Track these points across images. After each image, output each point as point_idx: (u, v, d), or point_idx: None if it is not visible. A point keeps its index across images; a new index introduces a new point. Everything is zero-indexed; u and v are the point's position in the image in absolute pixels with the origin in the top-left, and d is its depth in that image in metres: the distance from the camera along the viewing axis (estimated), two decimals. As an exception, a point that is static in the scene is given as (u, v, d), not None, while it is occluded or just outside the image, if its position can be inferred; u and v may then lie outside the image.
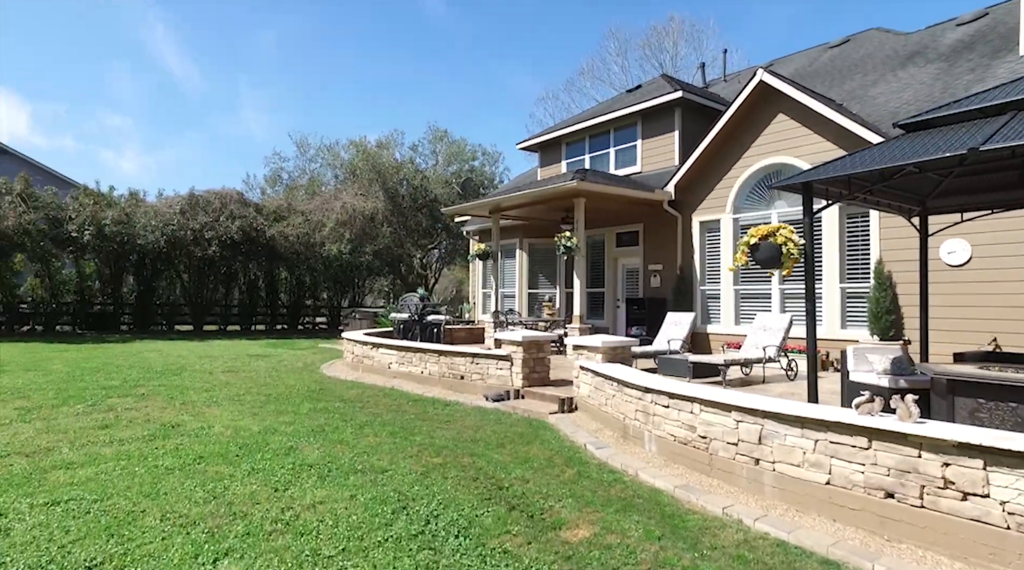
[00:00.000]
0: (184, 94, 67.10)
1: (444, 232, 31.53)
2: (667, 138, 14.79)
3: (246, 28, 64.76)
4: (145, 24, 60.83)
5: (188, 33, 63.67)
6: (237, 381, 10.18)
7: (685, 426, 5.24)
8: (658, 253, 14.02)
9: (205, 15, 62.95)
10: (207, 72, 66.44)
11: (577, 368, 7.76)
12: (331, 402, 8.33)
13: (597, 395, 7.02)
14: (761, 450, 4.49)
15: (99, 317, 22.58)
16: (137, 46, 62.83)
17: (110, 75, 65.70)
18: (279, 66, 66.05)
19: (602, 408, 6.84)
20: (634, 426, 6.02)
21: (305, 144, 34.50)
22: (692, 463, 5.15)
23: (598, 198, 12.82)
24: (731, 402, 4.73)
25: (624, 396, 6.24)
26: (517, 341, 8.52)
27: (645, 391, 5.81)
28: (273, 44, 64.82)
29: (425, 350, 9.87)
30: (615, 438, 6.31)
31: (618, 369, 6.66)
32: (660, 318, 13.50)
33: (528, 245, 17.64)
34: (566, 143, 17.96)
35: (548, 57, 63.13)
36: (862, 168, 4.99)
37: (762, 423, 4.47)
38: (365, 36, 64.94)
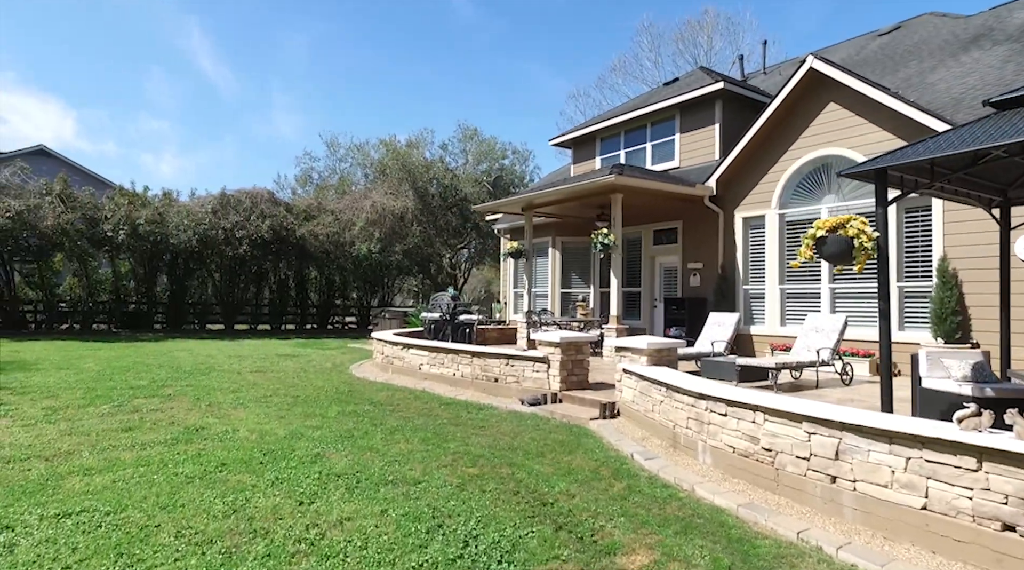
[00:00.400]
0: (218, 97, 68.46)
1: (474, 231, 31.23)
2: (707, 132, 14.18)
3: (278, 32, 65.78)
4: (182, 30, 62.31)
5: (222, 37, 64.98)
6: (265, 382, 9.95)
7: (746, 437, 4.75)
8: (698, 251, 13.43)
9: (238, 20, 64.15)
10: (240, 76, 67.67)
11: (619, 371, 7.29)
12: (360, 405, 8.01)
13: (643, 400, 6.55)
14: (839, 467, 3.97)
15: (133, 316, 22.81)
16: (174, 52, 64.41)
17: (149, 81, 67.47)
18: (310, 69, 66.91)
19: (648, 415, 6.36)
20: (686, 435, 5.53)
21: (335, 144, 34.59)
22: (754, 478, 4.65)
23: (636, 194, 12.31)
24: (802, 411, 4.22)
25: (674, 402, 5.76)
26: (554, 342, 8.08)
27: (699, 397, 5.32)
28: (304, 47, 65.68)
29: (457, 351, 9.50)
30: (664, 447, 5.83)
31: (666, 373, 6.18)
32: (700, 319, 12.93)
33: (561, 243, 17.17)
34: (600, 138, 17.45)
35: (577, 57, 62.59)
36: (951, 150, 4.43)
37: (839, 436, 3.96)
38: (394, 39, 65.32)
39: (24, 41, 63.23)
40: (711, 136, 14.10)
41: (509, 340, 15.76)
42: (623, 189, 11.87)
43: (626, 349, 7.23)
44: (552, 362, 8.15)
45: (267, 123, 68.58)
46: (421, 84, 65.81)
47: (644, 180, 11.79)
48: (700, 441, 5.29)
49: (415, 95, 64.78)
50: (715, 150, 13.94)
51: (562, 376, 8.07)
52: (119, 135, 67.44)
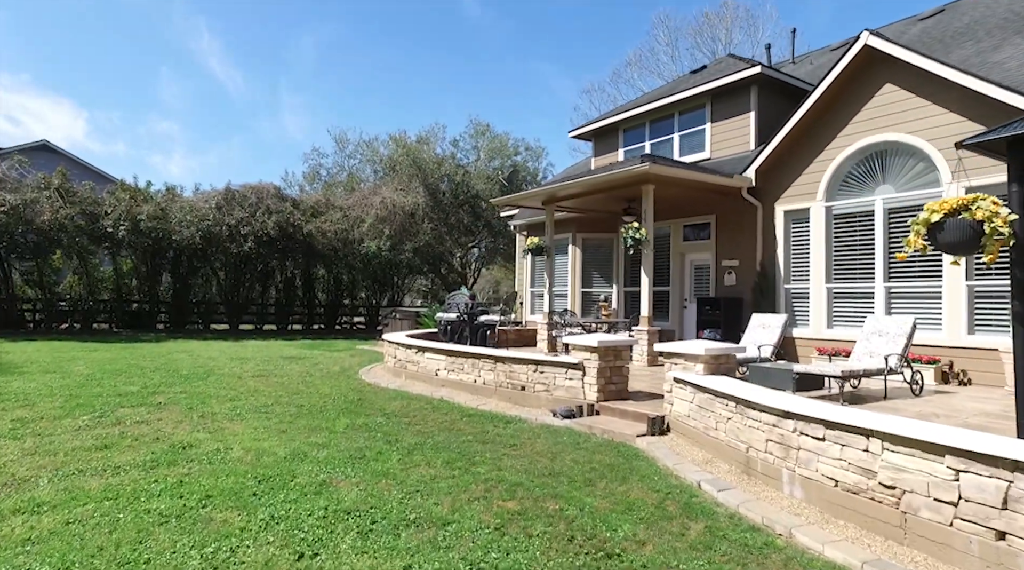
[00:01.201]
0: (227, 98, 68.13)
1: (485, 229, 30.35)
2: (741, 120, 13.22)
3: (287, 33, 65.33)
4: (191, 32, 62.12)
5: (231, 39, 64.70)
6: (267, 388, 9.08)
7: (855, 468, 3.81)
8: (733, 247, 12.46)
9: (247, 21, 63.82)
10: (249, 77, 67.29)
11: (668, 381, 6.36)
12: (372, 416, 7.11)
13: (702, 416, 5.61)
14: (1009, 520, 3.03)
15: (135, 315, 22.06)
16: (184, 53, 64.23)
17: (159, 82, 67.39)
18: (318, 70, 66.36)
19: (710, 433, 5.43)
20: (764, 461, 4.60)
21: (344, 140, 33.80)
22: (868, 521, 3.71)
23: (669, 185, 11.37)
24: (945, 441, 3.28)
25: (747, 420, 4.83)
26: (591, 347, 7.15)
27: (784, 416, 4.39)
28: (312, 48, 65.19)
29: (479, 356, 8.59)
30: (736, 474, 4.89)
31: (734, 385, 5.24)
32: (736, 320, 11.98)
33: (582, 240, 16.23)
34: (623, 129, 16.52)
35: (587, 56, 61.57)
36: None
37: (1009, 478, 3.01)
38: (402, 40, 64.62)
39: (38, 43, 63.57)
40: (745, 125, 13.14)
41: (527, 342, 14.84)
42: (656, 180, 10.93)
43: (677, 355, 6.30)
44: (588, 369, 7.23)
45: (276, 124, 68.19)
46: (430, 85, 65.15)
47: (679, 170, 10.85)
48: (786, 469, 4.35)
49: (424, 96, 64.10)
50: (750, 140, 12.98)
51: (599, 385, 7.15)
52: (129, 136, 67.42)
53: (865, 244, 10.27)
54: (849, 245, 10.55)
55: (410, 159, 29.34)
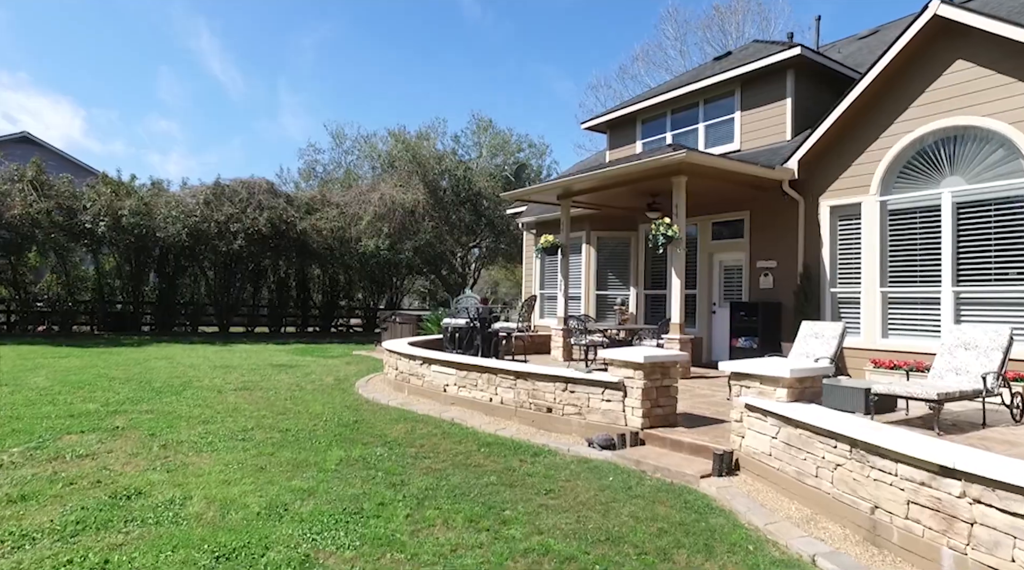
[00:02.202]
0: (227, 98, 67.07)
1: (488, 228, 29.12)
2: (775, 108, 12.04)
3: (286, 33, 64.35)
4: (191, 31, 61.21)
5: (231, 39, 63.71)
6: (249, 406, 7.84)
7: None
8: (770, 247, 11.27)
9: (247, 22, 62.82)
10: (249, 77, 66.19)
11: (738, 407, 5.15)
12: (370, 446, 5.89)
13: (792, 457, 4.41)
14: None
15: (118, 317, 20.80)
16: (184, 53, 63.31)
17: (158, 81, 66.47)
18: (317, 71, 65.32)
19: (806, 481, 4.23)
20: (904, 530, 3.40)
21: (341, 135, 32.58)
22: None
23: (702, 176, 10.17)
24: None
25: (870, 470, 3.63)
26: (635, 363, 5.94)
27: (942, 473, 3.18)
28: (312, 49, 64.16)
29: (495, 370, 7.36)
30: (855, 542, 3.69)
31: (844, 421, 4.05)
32: (775, 327, 10.79)
33: (597, 239, 15.03)
34: (642, 120, 15.32)
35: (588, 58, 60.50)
36: None
37: None
38: (401, 41, 63.54)
39: (36, 41, 62.77)
40: (781, 113, 11.95)
41: (540, 349, 13.62)
42: (691, 170, 9.73)
43: (751, 377, 5.09)
44: (631, 390, 6.02)
45: (275, 124, 67.10)
46: (430, 87, 64.10)
47: (718, 160, 9.65)
48: (948, 549, 3.15)
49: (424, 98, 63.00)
50: (786, 129, 11.80)
51: (644, 409, 5.94)
52: (128, 135, 66.42)
53: (928, 243, 9.08)
54: (908, 244, 9.37)
55: (410, 155, 28.11)
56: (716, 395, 8.23)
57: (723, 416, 6.62)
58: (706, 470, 5.05)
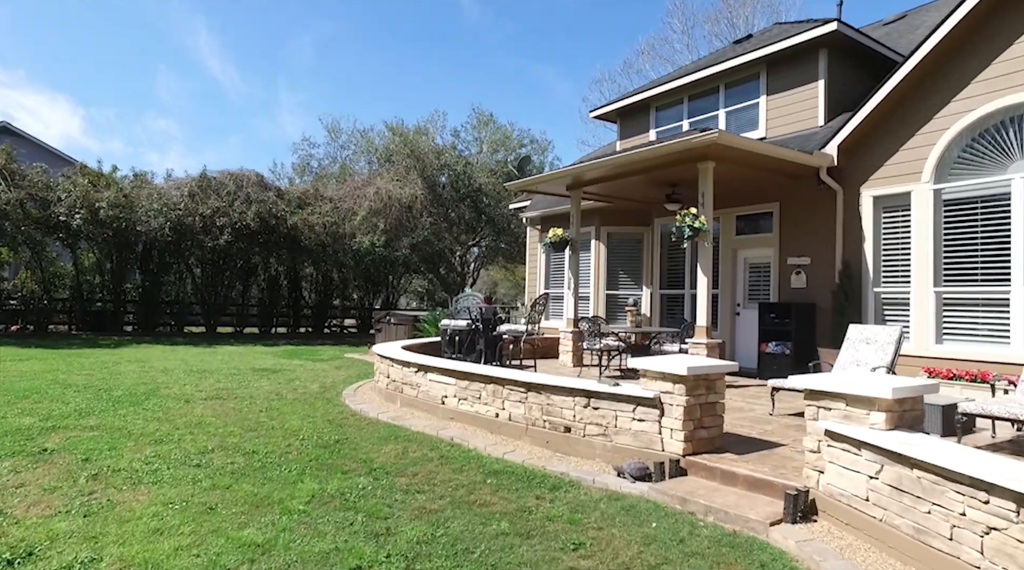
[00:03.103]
0: (225, 97, 66.27)
1: (488, 225, 28.04)
2: (806, 91, 10.96)
3: (285, 32, 63.55)
4: (190, 30, 60.51)
5: (229, 37, 62.99)
6: (215, 419, 6.75)
7: None
8: (803, 242, 10.20)
9: (246, 21, 62.06)
10: (247, 76, 65.35)
11: (816, 435, 4.07)
12: (352, 475, 4.81)
13: (907, 507, 3.32)
14: None
15: (98, 316, 19.67)
16: (182, 51, 62.65)
17: (156, 80, 65.79)
18: (316, 70, 64.44)
19: (931, 543, 3.14)
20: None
21: (336, 129, 31.43)
22: None
23: (732, 161, 9.11)
24: None
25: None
26: (676, 374, 4.86)
27: None
28: (310, 48, 63.34)
29: (502, 380, 6.27)
30: (1023, 642, 2.61)
31: (1001, 470, 2.96)
32: (810, 330, 9.73)
33: (607, 234, 13.96)
34: (656, 107, 14.24)
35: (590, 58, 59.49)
36: None
37: None
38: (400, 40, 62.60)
39: (34, 39, 62.27)
40: (812, 96, 10.88)
41: (546, 353, 12.54)
42: (720, 154, 8.66)
43: (834, 396, 4.01)
44: (670, 407, 4.93)
45: (273, 123, 66.18)
46: (429, 87, 63.19)
47: (753, 142, 8.57)
48: None
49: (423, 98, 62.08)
50: (817, 114, 10.73)
51: (687, 431, 4.86)
52: (126, 134, 65.67)
53: (994, 235, 8.01)
54: (967, 238, 8.30)
55: (408, 149, 27.02)
56: (754, 409, 7.16)
57: (773, 437, 5.55)
58: (774, 514, 3.96)
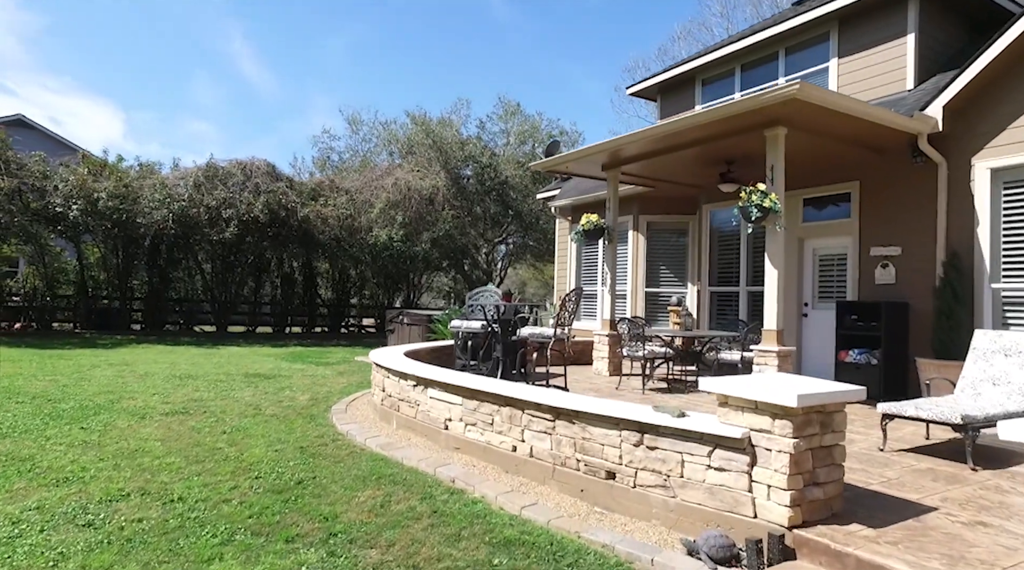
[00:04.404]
0: (259, 100, 67.19)
1: (515, 221, 26.47)
2: (890, 50, 9.15)
3: (317, 35, 63.96)
4: (225, 35, 61.60)
5: (263, 41, 63.91)
6: (158, 446, 5.33)
7: None
8: (891, 228, 8.40)
9: (279, 24, 62.78)
10: (281, 78, 65.99)
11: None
12: (299, 544, 3.31)
13: None
14: None
15: (104, 314, 18.72)
16: (218, 56, 63.96)
17: (193, 84, 67.21)
18: (347, 72, 64.54)
19: None
20: None
21: (357, 121, 30.25)
22: None
23: (810, 128, 7.39)
24: None
25: None
26: (779, 405, 3.23)
27: None
28: (341, 50, 63.49)
29: (521, 402, 4.70)
30: None
31: None
32: (901, 336, 7.95)
33: (647, 224, 12.28)
34: (702, 80, 12.52)
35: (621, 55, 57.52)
36: None
37: None
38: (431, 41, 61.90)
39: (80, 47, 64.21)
40: (898, 55, 9.06)
41: (578, 360, 10.94)
42: (797, 117, 6.95)
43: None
44: (765, 452, 3.31)
45: (306, 124, 66.72)
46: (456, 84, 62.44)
47: (845, 98, 6.82)
48: None
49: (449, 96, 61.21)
50: (906, 76, 8.91)
51: (794, 490, 3.22)
52: (165, 136, 67.26)
53: None
54: (1124, 219, 6.45)
55: (430, 140, 25.63)
56: (853, 439, 5.43)
57: (905, 490, 3.87)
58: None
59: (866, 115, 7.00)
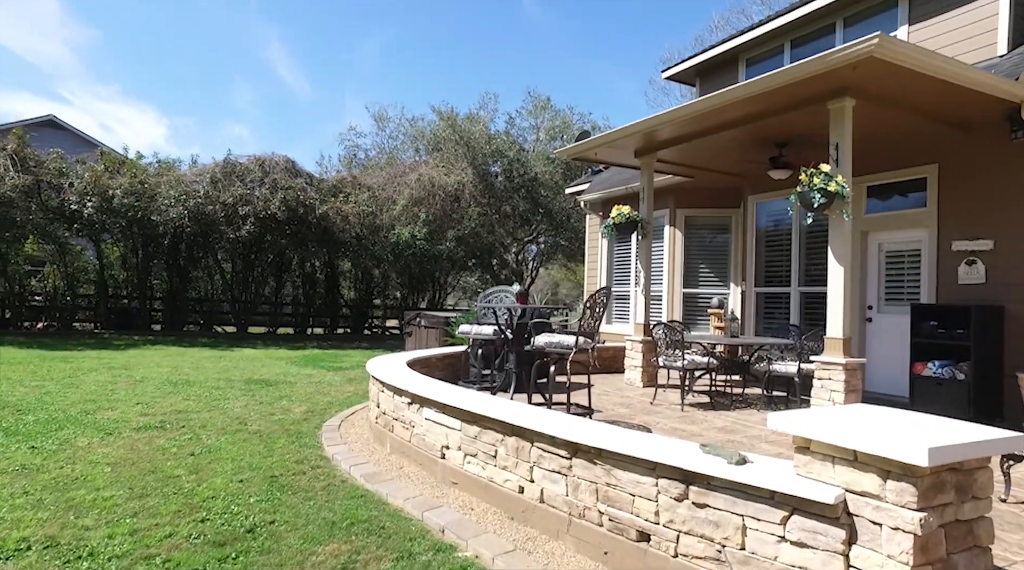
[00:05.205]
0: (295, 103, 68.67)
1: (545, 219, 25.41)
2: (975, 11, 7.87)
3: (351, 38, 64.94)
4: (263, 41, 63.22)
5: (299, 46, 65.29)
6: (105, 473, 4.53)
7: None
8: (979, 218, 7.15)
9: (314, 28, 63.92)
10: (316, 81, 67.23)
11: None
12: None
13: None
14: None
15: (124, 314, 18.39)
16: (256, 61, 65.86)
17: (233, 89, 69.26)
18: (381, 74, 65.37)
19: None
20: None
21: (384, 117, 29.62)
22: None
23: (884, 97, 6.23)
24: None
25: None
26: (898, 461, 2.18)
27: None
28: (375, 52, 64.30)
29: (531, 433, 3.71)
30: None
31: None
32: (994, 345, 6.70)
33: (685, 219, 11.16)
34: (747, 60, 11.35)
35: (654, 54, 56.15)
36: None
37: None
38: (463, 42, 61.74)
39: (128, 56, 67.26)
40: (987, 15, 7.77)
41: (608, 367, 9.90)
42: (871, 82, 5.81)
43: None
44: (871, 527, 2.26)
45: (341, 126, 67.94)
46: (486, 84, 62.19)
47: (934, 59, 5.62)
48: None
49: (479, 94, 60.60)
50: (997, 40, 7.64)
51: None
52: (205, 141, 69.55)
53: None
54: None
55: (457, 135, 24.79)
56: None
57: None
58: None
59: (963, 78, 5.78)
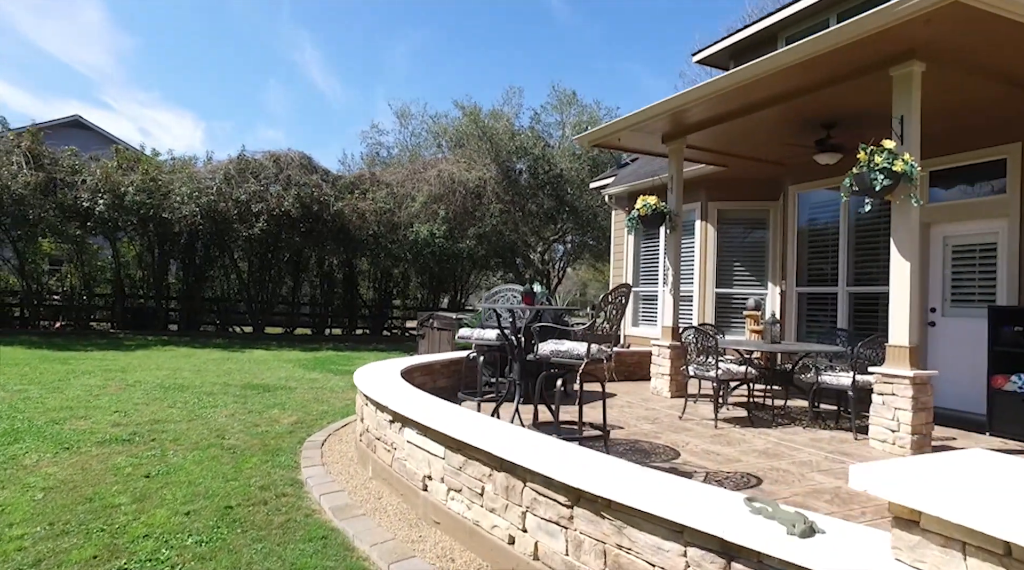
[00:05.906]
0: (327, 105, 69.78)
1: (571, 217, 24.54)
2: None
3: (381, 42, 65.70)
4: (296, 44, 64.16)
5: (331, 50, 66.37)
6: (29, 505, 3.88)
7: None
8: (1069, 206, 6.12)
9: (345, 31, 64.94)
10: (347, 85, 68.25)
11: None
12: None
13: None
14: None
15: (139, 314, 18.15)
16: (289, 65, 67.12)
17: (266, 93, 70.90)
18: (410, 76, 65.85)
19: None
20: None
21: (406, 114, 29.11)
22: None
23: (963, 60, 5.30)
24: None
25: None
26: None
27: None
28: (405, 55, 64.92)
29: (522, 470, 2.92)
30: None
31: None
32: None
33: (717, 213, 10.22)
34: (787, 39, 10.40)
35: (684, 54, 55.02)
36: None
37: None
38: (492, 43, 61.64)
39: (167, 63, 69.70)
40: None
41: (632, 373, 9.04)
42: (943, 42, 4.88)
43: None
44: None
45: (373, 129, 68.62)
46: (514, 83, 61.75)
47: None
48: None
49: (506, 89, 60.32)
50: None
51: None
52: (239, 143, 70.64)
53: None
54: None
55: (479, 131, 24.10)
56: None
57: None
58: None
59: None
